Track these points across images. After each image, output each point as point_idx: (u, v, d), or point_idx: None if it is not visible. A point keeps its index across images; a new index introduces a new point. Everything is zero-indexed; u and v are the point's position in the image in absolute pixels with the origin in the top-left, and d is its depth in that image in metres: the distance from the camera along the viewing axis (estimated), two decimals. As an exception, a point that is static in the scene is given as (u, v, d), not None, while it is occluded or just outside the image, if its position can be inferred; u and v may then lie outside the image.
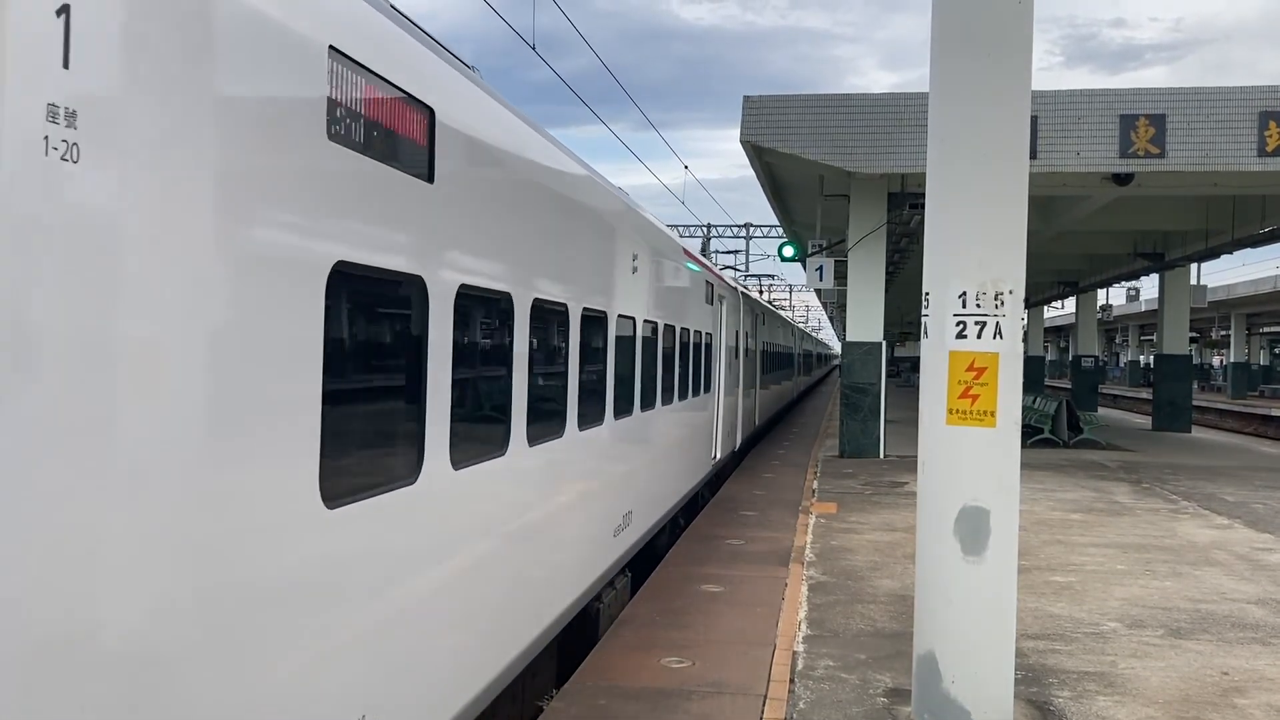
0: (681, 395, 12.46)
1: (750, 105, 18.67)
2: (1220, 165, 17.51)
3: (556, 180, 6.71)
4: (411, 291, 4.46)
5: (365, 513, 4.04)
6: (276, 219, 3.37)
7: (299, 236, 3.49)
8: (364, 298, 4.12)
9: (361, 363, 4.16)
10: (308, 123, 3.51)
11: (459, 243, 4.92)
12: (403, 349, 4.48)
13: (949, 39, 6.03)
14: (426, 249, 4.51)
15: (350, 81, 3.80)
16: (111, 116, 2.61)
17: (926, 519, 6.10)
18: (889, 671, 7.04)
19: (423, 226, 4.46)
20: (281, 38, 3.35)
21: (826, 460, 19.95)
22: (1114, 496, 15.68)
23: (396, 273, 4.25)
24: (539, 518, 6.38)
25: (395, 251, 4.21)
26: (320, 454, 3.67)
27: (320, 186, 3.60)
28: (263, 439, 3.31)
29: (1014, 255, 5.92)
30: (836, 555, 10.88)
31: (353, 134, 3.83)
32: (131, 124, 2.68)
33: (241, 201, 3.16)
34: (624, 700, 6.47)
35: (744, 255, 46.25)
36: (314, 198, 3.57)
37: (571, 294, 7.05)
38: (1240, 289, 54.84)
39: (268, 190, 3.30)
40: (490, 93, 5.62)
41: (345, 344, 3.94)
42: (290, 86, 3.41)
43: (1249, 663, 7.37)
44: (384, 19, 4.27)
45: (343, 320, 3.88)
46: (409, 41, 4.49)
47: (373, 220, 4.00)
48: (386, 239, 4.12)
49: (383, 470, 4.25)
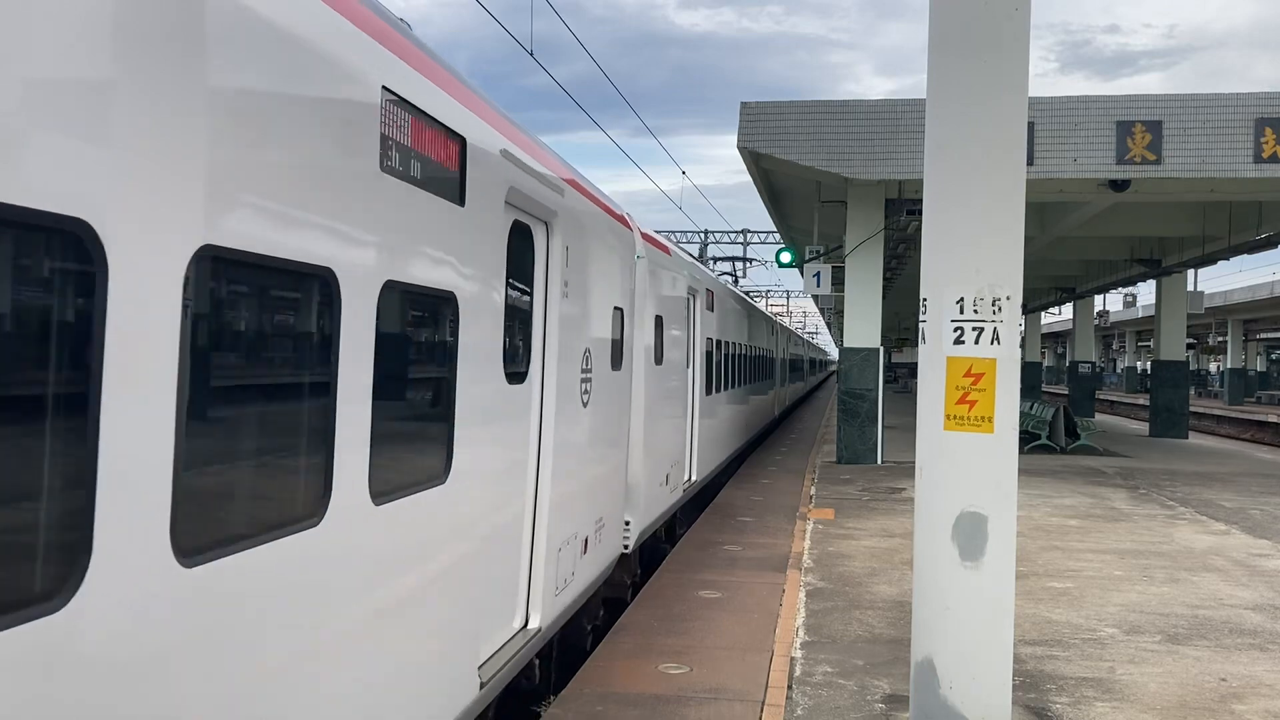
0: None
1: (747, 112, 18.69)
2: (1217, 172, 17.55)
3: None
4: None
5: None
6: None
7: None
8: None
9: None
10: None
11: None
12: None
13: (945, 44, 6.04)
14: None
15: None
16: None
17: (924, 525, 6.09)
18: (887, 678, 7.03)
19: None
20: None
21: (824, 466, 19.95)
22: (1111, 502, 15.68)
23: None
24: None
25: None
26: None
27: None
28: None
29: (1011, 261, 5.93)
30: (834, 561, 10.88)
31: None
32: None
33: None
34: (622, 707, 6.46)
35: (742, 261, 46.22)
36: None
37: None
38: (1237, 295, 54.95)
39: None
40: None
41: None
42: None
43: (1247, 669, 7.37)
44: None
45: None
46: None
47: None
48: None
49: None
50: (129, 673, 2.67)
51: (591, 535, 8.13)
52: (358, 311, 3.90)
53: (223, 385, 3.18)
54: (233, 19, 3.10)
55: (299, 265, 3.49)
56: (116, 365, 2.61)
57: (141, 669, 2.72)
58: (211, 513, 3.07)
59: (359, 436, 3.99)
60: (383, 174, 4.09)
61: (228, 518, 3.17)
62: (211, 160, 2.97)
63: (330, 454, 3.74)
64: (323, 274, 3.62)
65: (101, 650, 2.57)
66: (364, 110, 3.92)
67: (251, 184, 3.17)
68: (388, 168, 4.12)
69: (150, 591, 2.74)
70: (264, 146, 3.22)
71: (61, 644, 2.44)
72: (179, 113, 2.85)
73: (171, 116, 2.81)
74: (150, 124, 2.73)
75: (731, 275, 43.09)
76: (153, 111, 2.74)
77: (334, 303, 3.75)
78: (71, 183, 2.46)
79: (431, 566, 4.74)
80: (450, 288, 4.79)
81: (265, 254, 3.28)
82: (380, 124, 4.06)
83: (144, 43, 2.71)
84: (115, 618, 2.61)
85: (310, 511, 3.65)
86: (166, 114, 2.79)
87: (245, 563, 3.19)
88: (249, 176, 3.16)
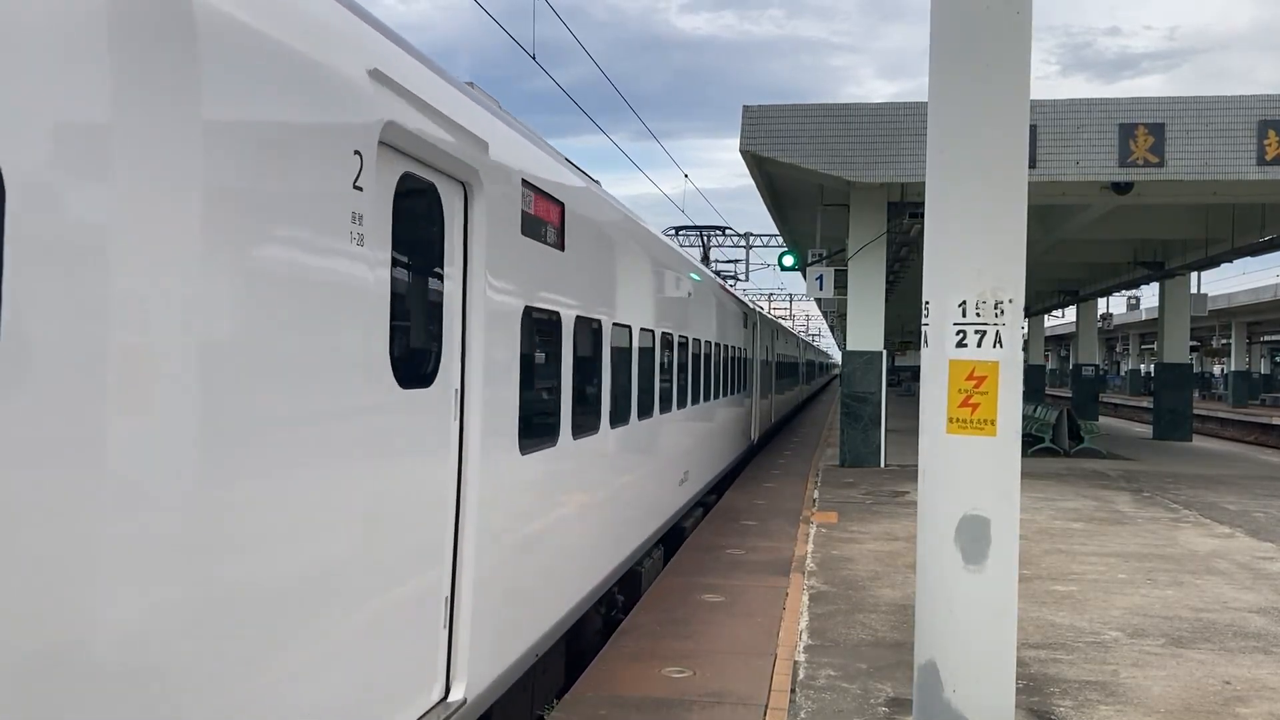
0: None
1: (750, 115, 18.70)
2: (1220, 174, 17.53)
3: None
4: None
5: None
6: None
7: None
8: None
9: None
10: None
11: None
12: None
13: (947, 47, 6.04)
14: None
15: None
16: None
17: (927, 528, 6.09)
18: (890, 681, 7.02)
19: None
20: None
21: (827, 470, 19.93)
22: (1115, 505, 15.66)
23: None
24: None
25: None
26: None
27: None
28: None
29: (1014, 264, 5.93)
30: (837, 565, 10.87)
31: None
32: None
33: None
34: (624, 710, 6.46)
35: (744, 264, 46.16)
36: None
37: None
38: (1240, 297, 54.85)
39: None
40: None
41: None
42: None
43: (1251, 672, 7.35)
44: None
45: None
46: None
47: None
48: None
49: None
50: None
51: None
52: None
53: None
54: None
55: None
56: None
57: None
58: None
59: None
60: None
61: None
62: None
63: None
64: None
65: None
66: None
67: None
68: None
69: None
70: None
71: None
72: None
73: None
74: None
75: (734, 277, 43.02)
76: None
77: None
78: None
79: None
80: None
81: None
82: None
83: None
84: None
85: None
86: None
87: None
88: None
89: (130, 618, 2.87)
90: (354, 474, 4.04)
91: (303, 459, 3.66)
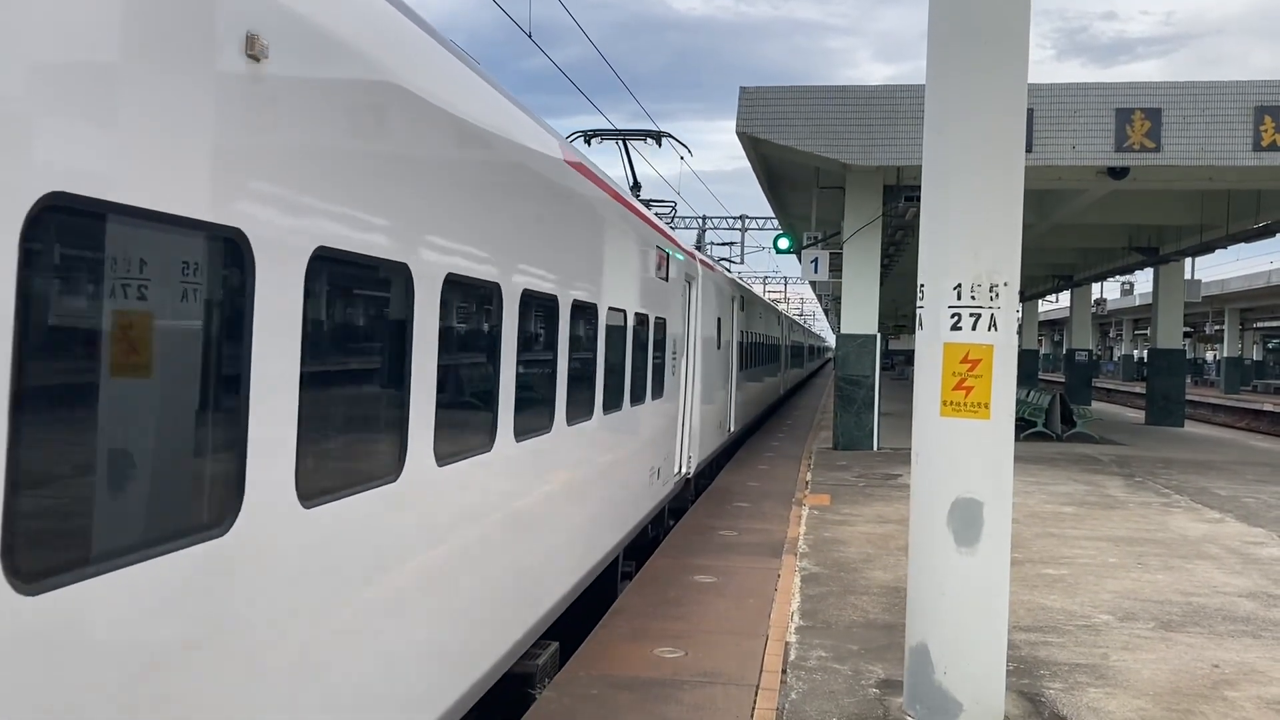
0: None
1: (746, 97, 18.64)
2: (1216, 160, 17.53)
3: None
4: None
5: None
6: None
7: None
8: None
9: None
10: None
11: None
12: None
13: (945, 30, 6.02)
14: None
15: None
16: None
17: (920, 511, 6.11)
18: (881, 663, 7.05)
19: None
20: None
21: (820, 452, 19.98)
22: (1107, 490, 15.72)
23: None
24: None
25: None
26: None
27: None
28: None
29: (1009, 248, 5.92)
30: (830, 547, 10.90)
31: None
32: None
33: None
34: (617, 690, 6.48)
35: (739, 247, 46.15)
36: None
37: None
38: (1234, 284, 54.99)
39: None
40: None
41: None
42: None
43: (1239, 655, 7.40)
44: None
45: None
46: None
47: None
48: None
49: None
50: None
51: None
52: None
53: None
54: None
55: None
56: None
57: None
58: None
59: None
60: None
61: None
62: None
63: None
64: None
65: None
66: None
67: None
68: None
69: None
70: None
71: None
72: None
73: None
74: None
75: (729, 260, 43.00)
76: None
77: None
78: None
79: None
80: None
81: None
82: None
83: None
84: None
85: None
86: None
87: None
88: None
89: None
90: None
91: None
